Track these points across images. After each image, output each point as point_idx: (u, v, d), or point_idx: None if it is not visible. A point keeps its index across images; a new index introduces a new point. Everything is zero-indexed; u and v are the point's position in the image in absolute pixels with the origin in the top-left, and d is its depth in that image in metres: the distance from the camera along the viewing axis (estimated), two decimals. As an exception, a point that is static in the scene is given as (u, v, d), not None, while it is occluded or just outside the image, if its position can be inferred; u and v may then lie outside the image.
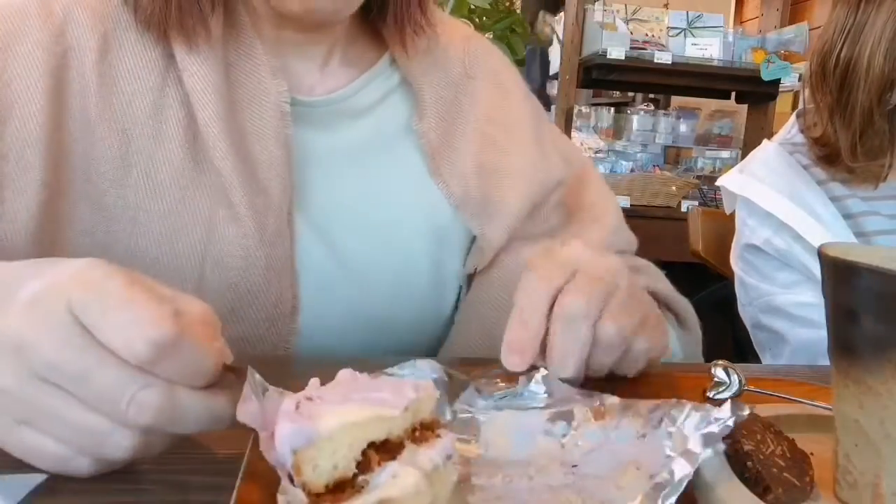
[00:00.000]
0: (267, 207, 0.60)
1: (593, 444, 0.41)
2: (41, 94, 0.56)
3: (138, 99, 0.59)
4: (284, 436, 0.32)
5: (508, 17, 2.91)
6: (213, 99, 0.59)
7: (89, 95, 0.58)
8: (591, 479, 0.38)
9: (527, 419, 0.44)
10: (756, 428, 0.37)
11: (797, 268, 0.95)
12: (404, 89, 0.72)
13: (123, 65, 0.60)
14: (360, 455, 0.33)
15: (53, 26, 0.58)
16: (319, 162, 0.66)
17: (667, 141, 3.01)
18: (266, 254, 0.59)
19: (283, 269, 0.61)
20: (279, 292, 0.60)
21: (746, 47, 2.76)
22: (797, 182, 0.96)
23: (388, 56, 0.72)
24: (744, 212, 1.02)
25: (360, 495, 0.31)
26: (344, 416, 0.32)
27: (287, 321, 0.61)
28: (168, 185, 0.59)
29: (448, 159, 0.70)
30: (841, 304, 0.35)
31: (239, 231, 0.58)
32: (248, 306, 0.59)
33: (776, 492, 0.34)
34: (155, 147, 0.59)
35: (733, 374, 0.46)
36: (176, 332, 0.34)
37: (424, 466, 0.33)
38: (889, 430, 0.33)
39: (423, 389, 0.36)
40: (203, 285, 0.59)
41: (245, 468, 0.35)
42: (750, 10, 4.12)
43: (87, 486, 0.36)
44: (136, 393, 0.34)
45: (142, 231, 0.58)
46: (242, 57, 0.62)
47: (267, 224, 0.60)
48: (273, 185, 0.61)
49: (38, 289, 0.35)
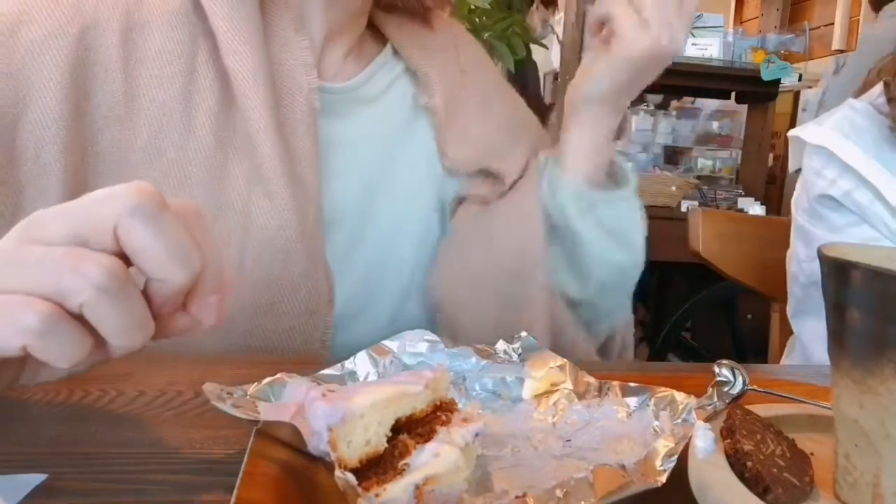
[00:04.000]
0: (307, 200, 0.60)
1: (581, 422, 0.45)
2: (56, 86, 0.54)
3: (167, 84, 0.57)
4: (320, 414, 0.34)
5: (508, 17, 2.91)
6: (259, 84, 0.58)
7: (115, 79, 0.56)
8: (588, 450, 0.42)
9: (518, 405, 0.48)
10: (756, 428, 0.37)
11: (875, 225, 0.94)
12: (408, 77, 0.74)
13: (150, 45, 0.57)
14: (390, 432, 0.36)
15: (67, 4, 0.55)
16: (338, 150, 0.67)
17: (667, 141, 3.02)
18: (306, 246, 0.59)
19: (319, 260, 0.61)
20: (317, 284, 0.61)
21: (746, 47, 2.76)
22: (883, 143, 0.94)
23: (389, 47, 0.74)
24: (819, 163, 0.99)
25: (404, 476, 0.34)
26: (372, 395, 0.36)
27: (324, 313, 0.62)
28: (198, 174, 0.58)
29: (453, 133, 0.72)
30: (841, 304, 0.35)
31: (280, 222, 0.58)
32: (288, 298, 0.59)
33: (776, 492, 0.34)
34: (186, 134, 0.58)
35: (738, 374, 0.46)
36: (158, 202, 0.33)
37: (459, 444, 0.36)
38: (889, 430, 0.33)
39: (438, 369, 0.40)
40: (242, 276, 0.58)
41: (245, 468, 0.35)
42: (750, 10, 4.13)
43: (88, 487, 0.37)
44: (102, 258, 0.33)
45: None
46: (278, 46, 0.62)
47: (307, 215, 0.60)
48: (308, 177, 0.61)
49: None
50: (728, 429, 0.38)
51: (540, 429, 0.45)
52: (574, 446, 0.43)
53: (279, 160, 0.58)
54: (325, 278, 0.62)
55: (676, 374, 0.57)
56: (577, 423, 0.45)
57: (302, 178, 0.60)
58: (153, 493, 0.37)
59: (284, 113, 0.61)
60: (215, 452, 0.41)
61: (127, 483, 0.37)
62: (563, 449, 0.43)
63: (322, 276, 0.61)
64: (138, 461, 0.39)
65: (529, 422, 0.46)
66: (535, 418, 0.46)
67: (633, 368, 0.71)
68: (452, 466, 0.35)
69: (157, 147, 0.57)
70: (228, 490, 0.33)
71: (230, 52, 0.57)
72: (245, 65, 0.57)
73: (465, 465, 0.36)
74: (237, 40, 0.58)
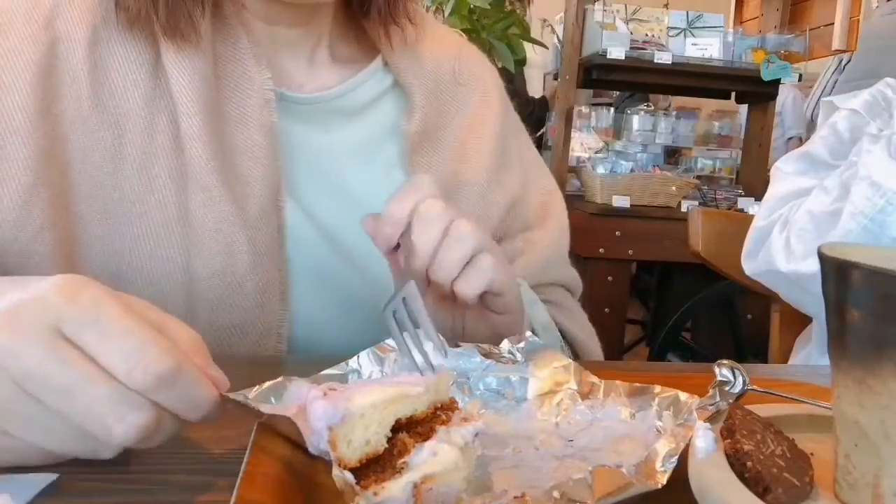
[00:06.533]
0: (247, 193, 0.61)
1: (584, 422, 0.45)
2: (26, 85, 0.56)
3: (130, 91, 0.60)
4: (320, 414, 0.34)
5: (508, 18, 2.91)
6: (197, 87, 0.59)
7: (81, 86, 0.59)
8: (590, 451, 0.42)
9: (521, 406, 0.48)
10: (756, 428, 0.37)
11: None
12: (396, 92, 0.74)
13: (114, 57, 0.60)
14: (390, 432, 0.36)
15: (41, 17, 0.59)
16: (312, 158, 0.67)
17: (667, 141, 3.02)
18: (249, 237, 0.60)
19: (269, 252, 0.61)
20: (266, 277, 0.61)
21: (746, 47, 2.76)
22: None
23: (380, 59, 0.74)
24: None
25: (402, 474, 0.34)
26: (373, 395, 0.35)
27: (276, 306, 0.62)
28: (162, 178, 0.59)
29: (425, 163, 0.71)
30: (841, 303, 0.35)
31: (217, 216, 0.59)
32: (236, 292, 0.60)
33: (776, 492, 0.34)
34: (148, 140, 0.60)
35: (738, 374, 0.46)
36: (177, 366, 0.34)
37: (458, 443, 0.36)
38: (889, 430, 0.33)
39: (439, 371, 0.40)
40: (192, 274, 0.59)
41: (245, 468, 0.35)
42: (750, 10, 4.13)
43: (92, 487, 0.37)
44: (127, 414, 0.34)
45: (137, 222, 0.59)
46: (228, 49, 0.63)
47: (248, 209, 0.60)
48: (254, 172, 0.61)
49: (19, 299, 0.34)
50: (728, 429, 0.38)
51: (542, 429, 0.45)
52: (576, 447, 0.43)
53: (210, 153, 0.59)
54: (276, 270, 0.62)
55: (676, 374, 0.57)
56: (580, 424, 0.45)
57: (244, 172, 0.61)
58: (154, 492, 0.37)
59: (232, 107, 0.62)
60: (215, 452, 0.41)
61: (128, 483, 0.37)
62: (565, 449, 0.43)
63: (273, 269, 0.62)
64: (140, 461, 0.39)
65: (532, 422, 0.46)
66: (538, 418, 0.46)
67: (633, 368, 0.71)
68: (451, 465, 0.35)
69: (121, 151, 0.59)
70: (228, 490, 0.33)
71: (169, 61, 0.60)
72: (183, 71, 0.59)
73: (463, 464, 0.36)
74: (175, 53, 0.59)
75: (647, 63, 2.62)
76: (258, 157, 0.62)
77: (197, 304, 0.60)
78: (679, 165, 3.21)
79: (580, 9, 2.68)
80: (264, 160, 0.62)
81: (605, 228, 2.45)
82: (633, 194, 2.58)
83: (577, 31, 2.69)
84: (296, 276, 0.63)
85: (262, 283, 0.61)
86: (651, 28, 2.75)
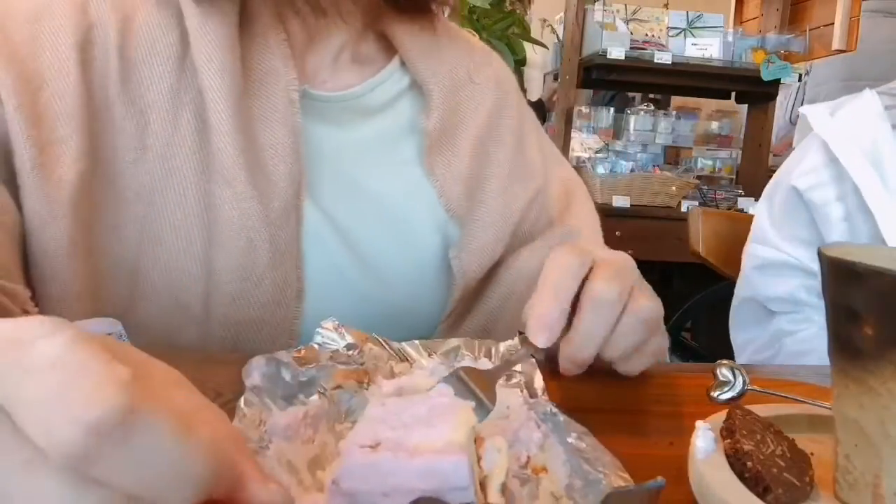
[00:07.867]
0: (271, 190, 0.61)
1: None
2: (75, 66, 0.57)
3: (156, 83, 0.60)
4: None
5: (508, 18, 2.91)
6: (224, 80, 0.59)
7: (110, 74, 0.59)
8: None
9: None
10: (756, 428, 0.37)
11: None
12: (414, 92, 0.74)
13: (142, 47, 0.60)
14: None
15: (78, 4, 0.59)
16: (331, 156, 0.67)
17: (667, 141, 3.01)
18: (271, 234, 0.60)
19: (288, 251, 0.61)
20: (284, 275, 0.61)
21: (746, 47, 2.76)
22: None
23: (398, 59, 0.74)
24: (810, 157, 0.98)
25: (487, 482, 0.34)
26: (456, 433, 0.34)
27: (292, 305, 0.62)
28: (184, 171, 0.59)
29: (444, 161, 0.71)
30: (841, 304, 0.35)
31: (242, 212, 0.59)
32: (254, 288, 0.60)
33: (776, 492, 0.34)
34: (172, 131, 0.60)
35: (738, 374, 0.46)
36: (125, 405, 0.21)
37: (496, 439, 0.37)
38: (889, 430, 0.33)
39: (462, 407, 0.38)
40: (211, 267, 0.59)
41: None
42: (750, 10, 4.13)
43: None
44: None
45: (155, 215, 0.59)
46: (255, 45, 0.63)
47: (271, 206, 0.60)
48: (278, 170, 0.61)
49: None
50: (728, 429, 0.38)
51: None
52: None
53: (238, 149, 0.59)
54: (294, 269, 0.62)
55: (676, 374, 0.57)
56: None
57: (269, 169, 0.61)
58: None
59: (258, 104, 0.62)
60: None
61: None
62: None
63: (292, 268, 0.62)
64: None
65: None
66: None
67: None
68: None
69: (143, 142, 0.59)
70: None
71: (197, 50, 0.60)
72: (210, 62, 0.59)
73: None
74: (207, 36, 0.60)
75: (647, 63, 2.62)
76: (282, 155, 0.62)
77: (214, 298, 0.59)
78: (679, 165, 3.21)
79: (580, 9, 2.69)
80: (288, 158, 0.62)
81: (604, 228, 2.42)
82: (633, 194, 2.58)
83: (577, 31, 2.70)
84: (311, 273, 0.63)
85: (281, 281, 0.61)
86: (651, 28, 2.75)
